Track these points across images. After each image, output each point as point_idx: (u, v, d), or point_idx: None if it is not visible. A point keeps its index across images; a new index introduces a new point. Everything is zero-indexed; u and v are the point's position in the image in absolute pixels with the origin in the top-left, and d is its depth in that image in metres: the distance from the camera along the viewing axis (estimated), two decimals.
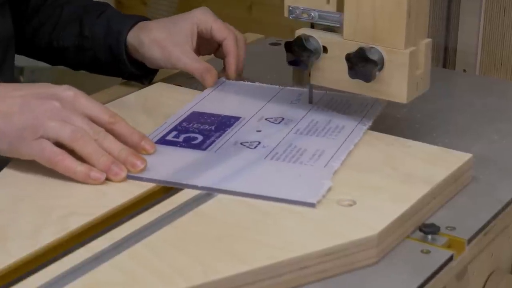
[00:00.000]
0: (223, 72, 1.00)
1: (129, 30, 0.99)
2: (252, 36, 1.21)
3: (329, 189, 0.75)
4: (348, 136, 0.84)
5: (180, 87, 1.00)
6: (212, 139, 0.84)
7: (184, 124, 0.88)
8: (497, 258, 0.82)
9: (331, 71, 0.86)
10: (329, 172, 0.78)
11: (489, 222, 0.76)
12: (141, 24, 1.00)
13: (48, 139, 0.77)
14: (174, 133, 0.86)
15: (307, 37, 0.86)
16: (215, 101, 0.93)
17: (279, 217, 0.72)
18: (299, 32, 0.87)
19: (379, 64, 0.82)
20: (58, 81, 1.02)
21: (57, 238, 0.69)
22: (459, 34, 1.16)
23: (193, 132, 0.86)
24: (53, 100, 0.78)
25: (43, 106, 0.78)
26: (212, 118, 0.89)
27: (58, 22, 1.04)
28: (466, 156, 0.81)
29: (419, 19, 0.83)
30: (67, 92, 0.79)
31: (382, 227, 0.70)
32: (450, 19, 1.16)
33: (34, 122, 0.77)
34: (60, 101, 0.78)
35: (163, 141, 0.84)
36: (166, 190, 0.77)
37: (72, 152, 0.77)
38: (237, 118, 0.89)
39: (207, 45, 1.01)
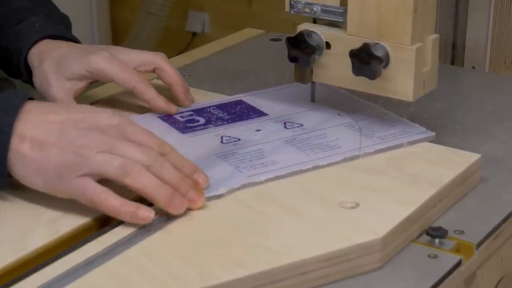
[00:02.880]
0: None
1: (28, 50, 0.92)
2: (252, 32, 1.20)
3: None
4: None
5: None
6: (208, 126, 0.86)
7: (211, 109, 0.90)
8: (507, 263, 0.81)
9: (334, 68, 0.86)
10: None
11: (499, 226, 0.76)
12: (41, 45, 0.92)
13: (93, 176, 0.70)
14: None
15: (309, 33, 0.85)
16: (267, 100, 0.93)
17: (279, 220, 0.72)
18: (301, 27, 0.87)
19: (384, 60, 0.82)
20: None
21: (47, 242, 0.68)
22: (468, 30, 1.16)
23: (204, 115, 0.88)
24: (95, 131, 0.71)
25: (85, 138, 0.70)
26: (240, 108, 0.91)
27: None
28: (474, 157, 0.81)
29: (426, 14, 0.82)
30: (110, 120, 0.72)
31: (386, 231, 0.69)
32: (459, 14, 1.16)
33: (75, 159, 0.69)
34: (104, 131, 0.71)
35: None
36: None
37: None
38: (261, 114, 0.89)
39: None
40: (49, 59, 0.90)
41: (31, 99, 0.73)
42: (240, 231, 0.70)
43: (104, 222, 0.72)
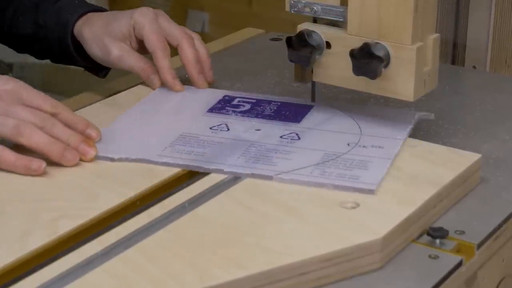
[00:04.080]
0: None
1: (75, 22, 0.97)
2: (252, 31, 1.20)
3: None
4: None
5: None
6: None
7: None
8: (508, 263, 0.81)
9: (335, 68, 0.85)
10: None
11: (499, 226, 0.75)
12: (88, 15, 0.97)
13: None
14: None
15: (310, 32, 0.85)
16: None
17: (279, 220, 0.71)
18: (301, 27, 0.86)
19: (384, 60, 0.81)
20: (48, 78, 1.00)
21: (46, 242, 0.68)
22: (469, 29, 1.15)
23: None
24: None
25: None
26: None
27: (19, 7, 1.01)
28: (474, 157, 0.81)
29: (426, 13, 0.82)
30: (5, 86, 0.78)
31: (386, 231, 0.69)
32: (459, 13, 1.16)
33: None
34: (0, 96, 0.77)
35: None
36: (160, 192, 0.76)
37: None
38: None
39: None
40: (98, 24, 0.95)
41: None
42: (239, 231, 0.69)
43: (104, 222, 0.72)
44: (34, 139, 0.77)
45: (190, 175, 0.79)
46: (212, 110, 0.90)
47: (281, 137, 0.83)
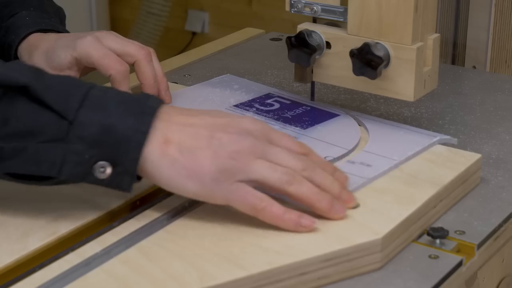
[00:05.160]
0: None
1: (18, 45, 0.92)
2: (252, 31, 1.20)
3: None
4: None
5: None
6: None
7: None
8: (508, 263, 0.80)
9: (335, 68, 0.85)
10: None
11: (500, 226, 0.75)
12: (30, 39, 0.91)
13: (249, 182, 0.68)
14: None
15: (310, 32, 0.85)
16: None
17: None
18: (301, 27, 0.86)
19: (385, 60, 0.81)
20: None
21: (46, 242, 0.68)
22: (469, 29, 1.15)
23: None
24: (245, 136, 0.69)
25: (238, 144, 0.68)
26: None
27: None
28: (474, 157, 0.80)
29: (426, 13, 0.82)
30: (255, 125, 0.70)
31: (386, 231, 0.69)
32: (460, 13, 1.16)
33: (232, 164, 0.67)
34: (252, 135, 0.69)
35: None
36: (160, 192, 0.75)
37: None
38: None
39: None
40: (38, 52, 0.89)
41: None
42: (239, 231, 0.69)
43: (104, 222, 0.71)
44: (303, 189, 0.68)
45: None
46: (238, 105, 0.90)
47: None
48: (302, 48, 0.84)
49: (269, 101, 0.91)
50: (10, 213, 0.72)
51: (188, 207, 0.73)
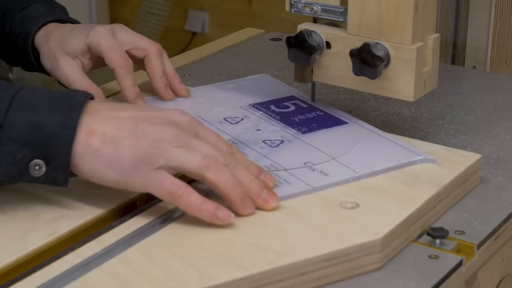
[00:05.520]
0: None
1: (36, 32, 0.94)
2: (252, 31, 1.20)
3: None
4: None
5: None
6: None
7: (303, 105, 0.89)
8: (508, 263, 0.80)
9: (335, 68, 0.85)
10: None
11: (499, 226, 0.75)
12: (48, 27, 0.93)
13: (169, 169, 0.69)
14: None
15: (310, 32, 0.85)
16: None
17: (279, 220, 0.71)
18: (301, 27, 0.86)
19: (384, 60, 0.81)
20: (48, 79, 1.00)
21: (45, 242, 0.68)
22: (469, 29, 1.15)
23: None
24: (170, 126, 0.70)
25: (161, 133, 0.69)
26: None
27: None
28: (474, 157, 0.80)
29: (426, 13, 0.82)
30: (183, 117, 0.71)
31: (386, 231, 0.69)
32: (460, 13, 1.16)
33: (152, 151, 0.68)
34: (177, 126, 0.70)
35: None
36: None
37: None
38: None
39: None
40: (54, 37, 0.92)
41: (92, 98, 0.72)
42: (239, 231, 0.69)
43: (104, 222, 0.71)
44: (222, 176, 0.69)
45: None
46: (255, 104, 0.90)
47: (263, 141, 0.82)
48: (302, 48, 0.84)
49: (287, 103, 0.90)
50: (11, 212, 0.72)
51: None
